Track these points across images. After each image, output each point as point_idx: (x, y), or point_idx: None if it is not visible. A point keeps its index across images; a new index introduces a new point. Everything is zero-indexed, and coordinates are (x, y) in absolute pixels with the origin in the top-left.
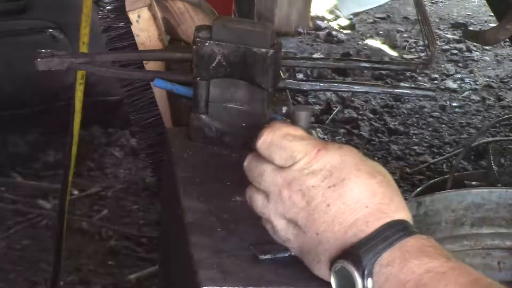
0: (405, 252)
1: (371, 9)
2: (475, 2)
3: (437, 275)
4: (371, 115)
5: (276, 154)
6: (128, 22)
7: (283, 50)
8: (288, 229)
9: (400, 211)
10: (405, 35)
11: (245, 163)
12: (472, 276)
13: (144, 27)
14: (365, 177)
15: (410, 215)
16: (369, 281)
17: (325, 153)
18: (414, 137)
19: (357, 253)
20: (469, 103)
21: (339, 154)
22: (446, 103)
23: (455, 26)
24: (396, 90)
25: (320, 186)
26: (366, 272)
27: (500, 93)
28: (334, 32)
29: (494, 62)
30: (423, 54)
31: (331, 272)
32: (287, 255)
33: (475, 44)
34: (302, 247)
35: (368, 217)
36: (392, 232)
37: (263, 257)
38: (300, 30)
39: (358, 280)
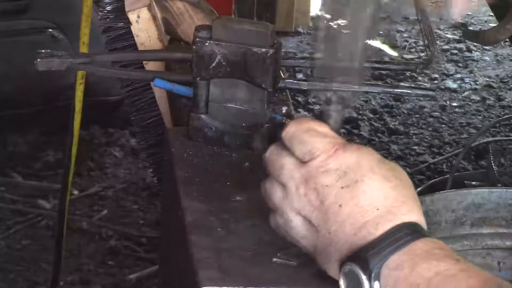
0: (414, 256)
1: None
2: (475, 2)
3: (446, 278)
4: (371, 115)
5: (297, 147)
6: (128, 23)
7: (283, 50)
8: (303, 226)
9: (412, 213)
10: (405, 35)
11: (267, 154)
12: (481, 276)
13: (143, 28)
14: (379, 180)
15: (423, 218)
16: (376, 284)
17: (342, 152)
18: (414, 137)
19: (365, 256)
20: (469, 103)
21: (356, 155)
22: (446, 103)
23: (455, 26)
24: (396, 90)
25: (333, 185)
26: (373, 275)
27: (500, 93)
28: None
29: (494, 62)
30: (423, 54)
31: (340, 273)
32: None
33: (475, 44)
34: (316, 246)
35: (378, 219)
36: (401, 235)
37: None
38: (300, 30)
39: (365, 282)
